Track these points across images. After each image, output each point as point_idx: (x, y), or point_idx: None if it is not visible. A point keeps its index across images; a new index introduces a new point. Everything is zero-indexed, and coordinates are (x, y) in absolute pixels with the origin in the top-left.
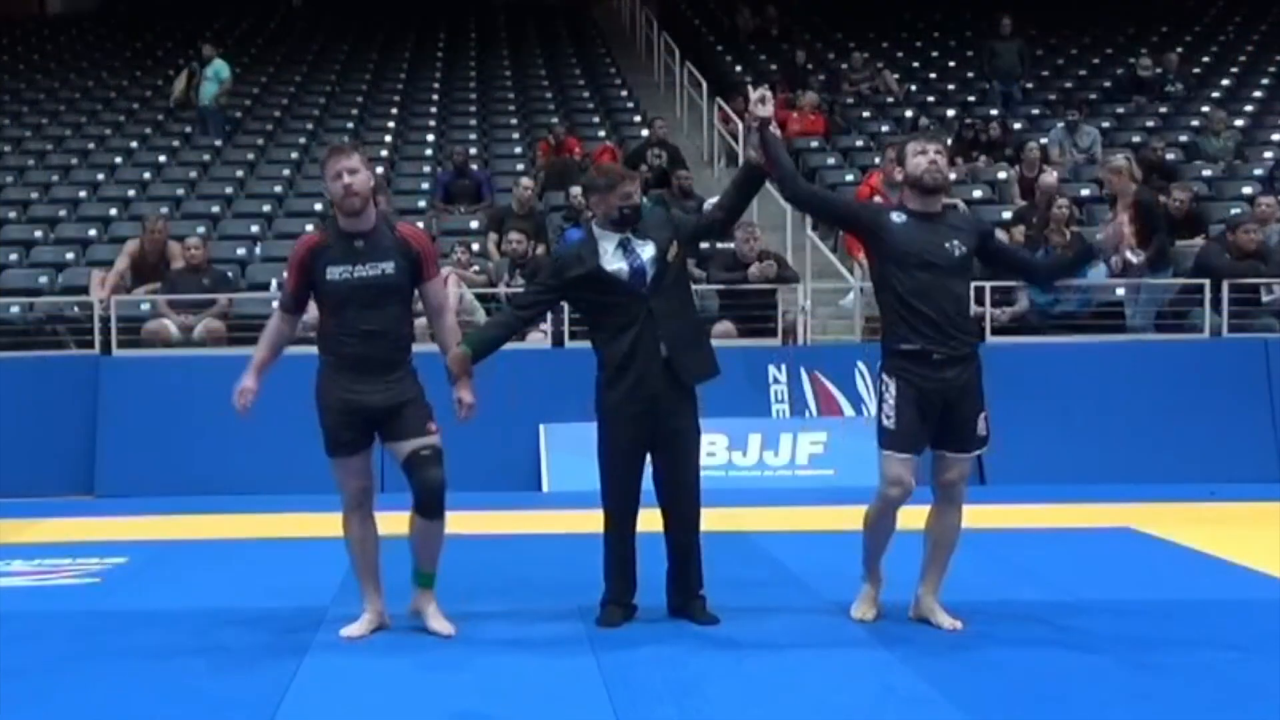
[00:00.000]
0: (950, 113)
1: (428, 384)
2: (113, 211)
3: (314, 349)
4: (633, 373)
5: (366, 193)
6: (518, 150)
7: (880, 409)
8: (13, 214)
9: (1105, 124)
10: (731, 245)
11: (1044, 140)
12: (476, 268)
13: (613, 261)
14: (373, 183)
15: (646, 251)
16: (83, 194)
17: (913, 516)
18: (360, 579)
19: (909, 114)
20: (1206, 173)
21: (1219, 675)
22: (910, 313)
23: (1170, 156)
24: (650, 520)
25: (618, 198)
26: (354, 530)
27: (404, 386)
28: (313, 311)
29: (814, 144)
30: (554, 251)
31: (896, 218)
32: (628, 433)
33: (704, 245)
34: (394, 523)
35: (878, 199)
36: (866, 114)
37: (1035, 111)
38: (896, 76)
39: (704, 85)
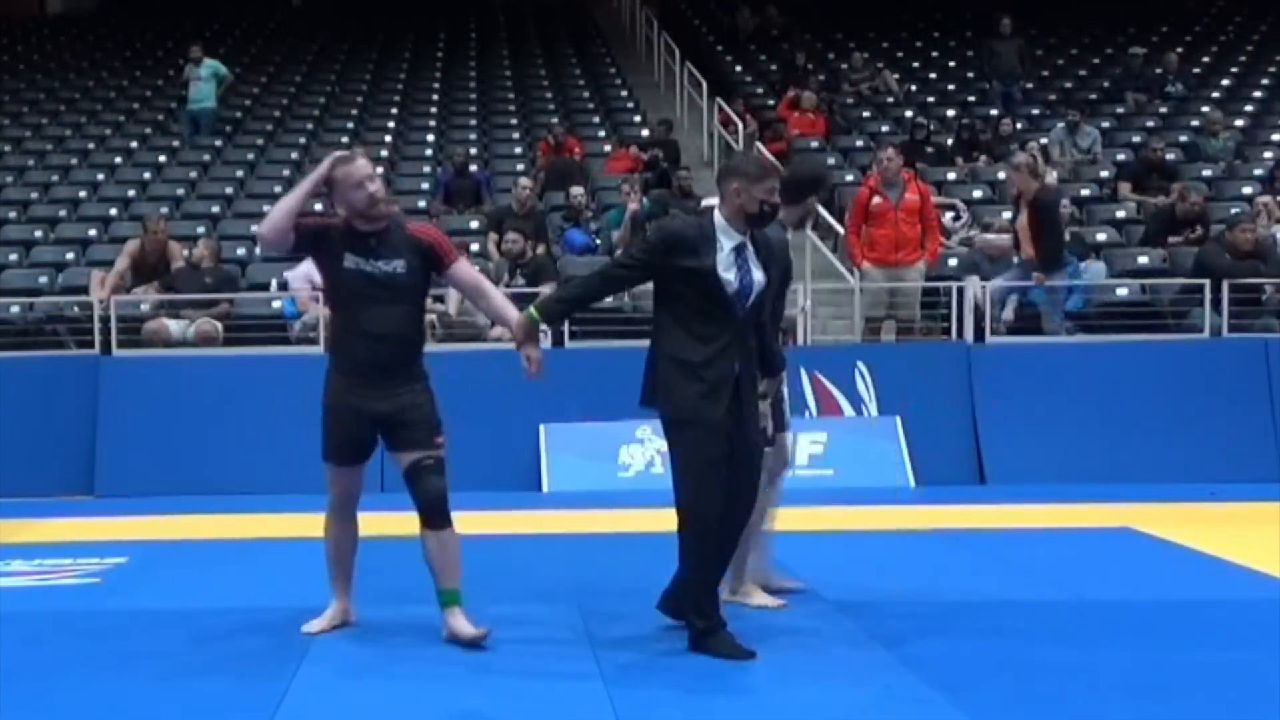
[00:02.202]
0: (950, 113)
1: (440, 384)
2: (113, 211)
3: (315, 349)
4: (710, 378)
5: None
6: (518, 150)
7: None
8: (13, 214)
9: (1105, 124)
10: None
11: (1044, 140)
12: (476, 268)
13: (726, 268)
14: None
15: (758, 275)
16: (83, 194)
17: (915, 517)
18: (332, 575)
19: (909, 114)
20: (1206, 173)
21: (1219, 675)
22: None
23: (1170, 156)
24: (650, 521)
25: (763, 191)
26: (333, 531)
27: (413, 395)
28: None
29: (814, 144)
30: (664, 224)
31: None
32: (718, 439)
33: None
34: (395, 523)
35: (876, 199)
36: (866, 114)
37: (1035, 111)
38: (896, 76)
39: (704, 85)
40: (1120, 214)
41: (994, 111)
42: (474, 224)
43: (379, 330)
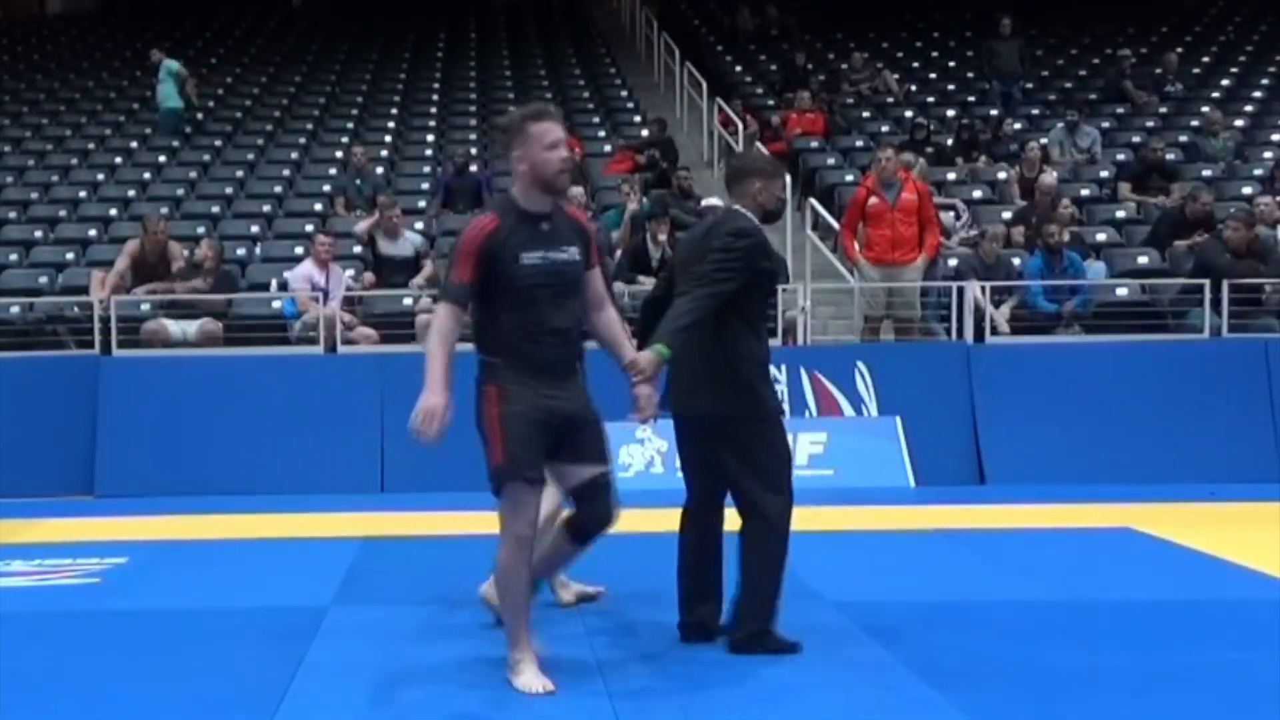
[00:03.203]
0: (950, 113)
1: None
2: (113, 211)
3: (315, 349)
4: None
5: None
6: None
7: None
8: (13, 214)
9: (1105, 124)
10: None
11: (1044, 140)
12: None
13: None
14: None
15: None
16: (83, 194)
17: (915, 517)
18: (521, 628)
19: (909, 114)
20: (1206, 173)
21: (1219, 675)
22: None
23: (1170, 156)
24: (650, 521)
25: (779, 187)
26: (522, 572)
27: (588, 396)
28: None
29: (814, 144)
30: (747, 229)
31: None
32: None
33: None
34: (395, 523)
35: (874, 199)
36: (866, 114)
37: (1035, 111)
38: (896, 76)
39: (704, 85)
40: (1120, 214)
41: (994, 111)
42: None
43: (565, 324)
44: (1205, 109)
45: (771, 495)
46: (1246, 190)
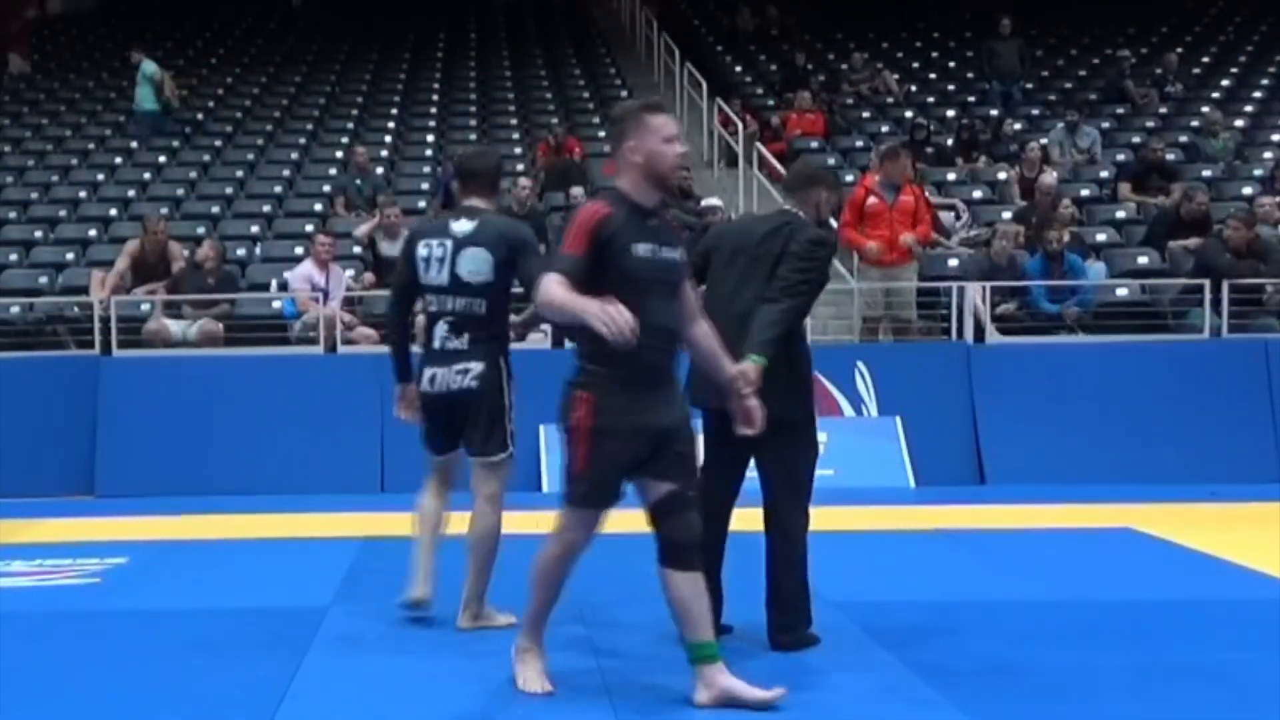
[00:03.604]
0: (950, 113)
1: None
2: (113, 211)
3: (315, 349)
4: None
5: None
6: (518, 150)
7: None
8: (13, 214)
9: (1105, 124)
10: None
11: (1044, 140)
12: None
13: None
14: None
15: None
16: (83, 194)
17: (915, 517)
18: (541, 622)
19: (909, 114)
20: (1206, 173)
21: (1219, 675)
22: None
23: (1170, 156)
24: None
25: (836, 200)
26: (564, 575)
27: (683, 402)
28: (311, 311)
29: (814, 144)
30: (824, 236)
31: None
32: None
33: None
34: (395, 523)
35: (872, 200)
36: (866, 114)
37: (1035, 111)
38: (896, 77)
39: (704, 85)
40: (1120, 214)
41: (994, 111)
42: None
43: (671, 325)
44: (1205, 109)
45: (798, 511)
46: (1246, 190)
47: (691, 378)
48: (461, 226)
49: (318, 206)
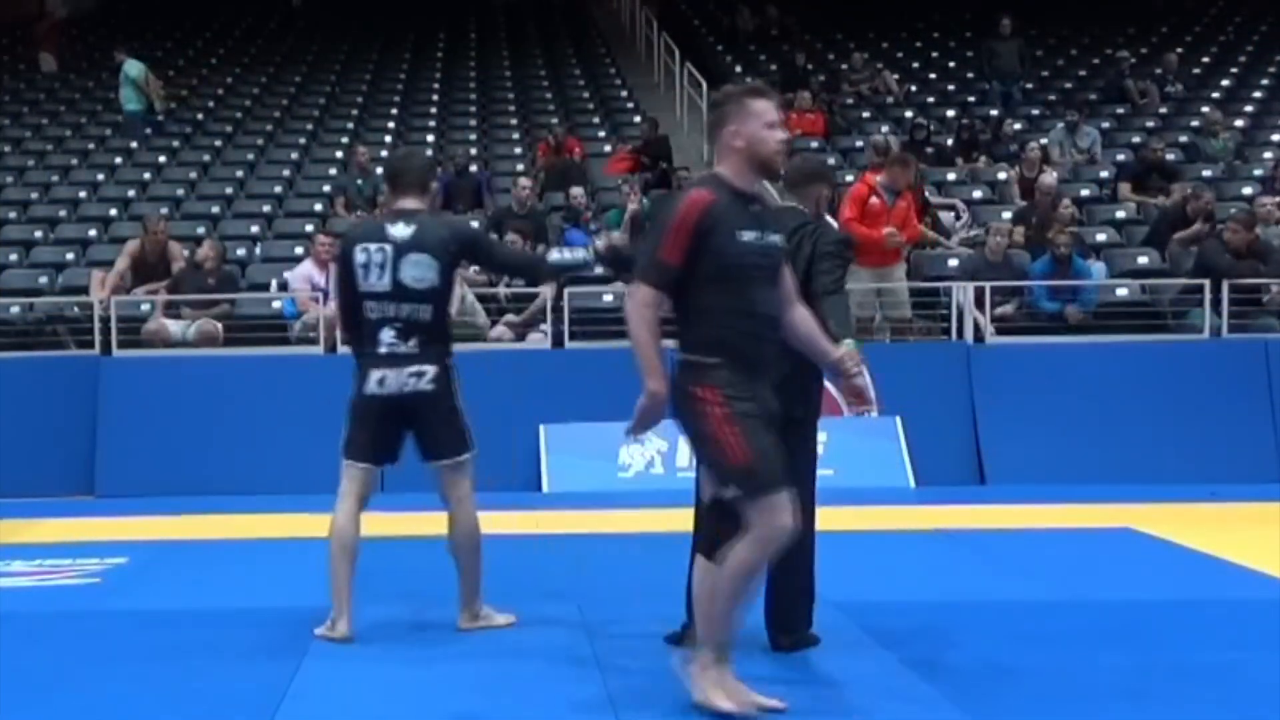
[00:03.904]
0: (950, 113)
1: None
2: (113, 211)
3: (315, 349)
4: None
5: None
6: (518, 150)
7: None
8: (13, 214)
9: (1105, 124)
10: None
11: (1044, 140)
12: (476, 268)
13: None
14: None
15: None
16: (83, 194)
17: (915, 517)
18: (729, 633)
19: (909, 114)
20: (1206, 173)
21: (1219, 675)
22: None
23: (1170, 157)
24: (650, 521)
25: (832, 193)
26: (761, 575)
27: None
28: (311, 311)
29: (814, 144)
30: (839, 234)
31: None
32: None
33: None
34: (395, 523)
35: (874, 199)
36: (866, 114)
37: (1035, 111)
38: (896, 77)
39: (704, 85)
40: (1120, 214)
41: (994, 111)
42: (474, 224)
43: (776, 313)
44: (1205, 109)
45: (804, 511)
46: (1246, 190)
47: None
48: (400, 230)
49: (318, 206)
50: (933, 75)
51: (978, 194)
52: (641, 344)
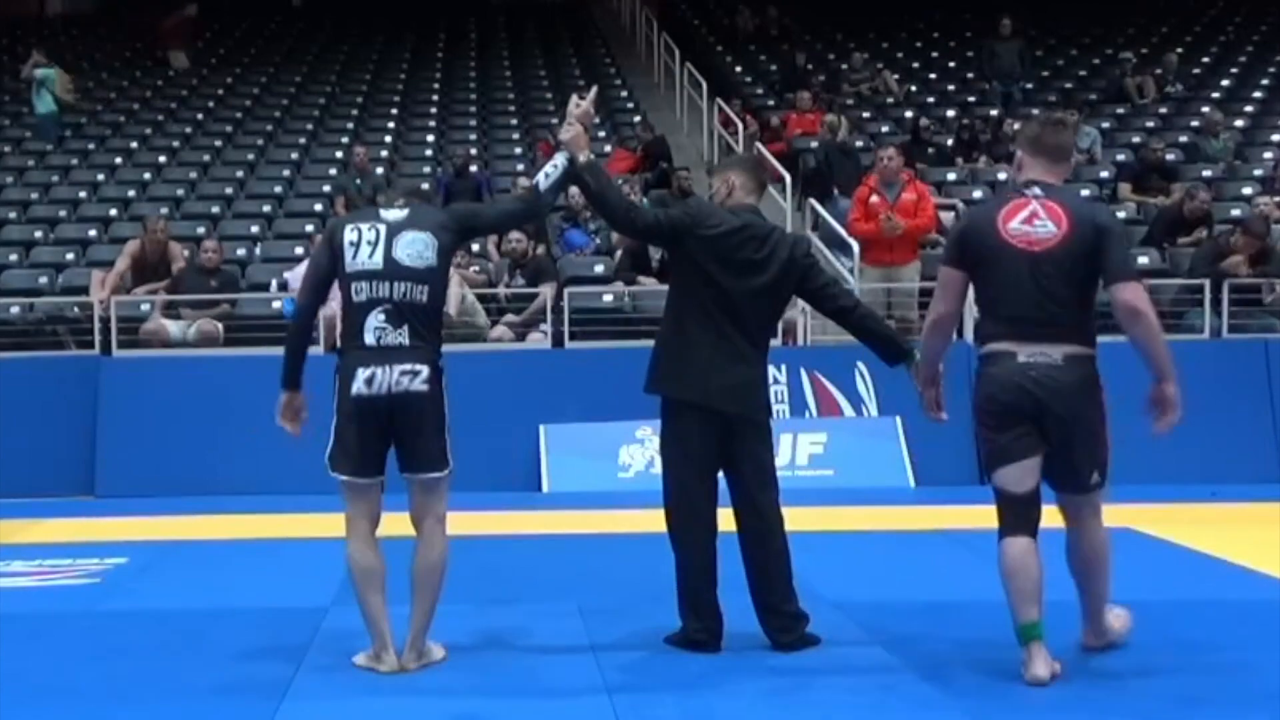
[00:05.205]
0: (950, 113)
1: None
2: (113, 211)
3: (314, 349)
4: None
5: None
6: (518, 150)
7: None
8: (13, 214)
9: (1105, 124)
10: None
11: None
12: (476, 268)
13: None
14: None
15: None
16: (82, 194)
17: (915, 517)
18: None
19: (909, 114)
20: (1206, 173)
21: (1219, 675)
22: None
23: (1170, 157)
24: (650, 522)
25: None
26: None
27: None
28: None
29: (814, 144)
30: (808, 240)
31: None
32: None
33: None
34: (394, 523)
35: (874, 198)
36: (866, 114)
37: (1035, 111)
38: (896, 77)
39: (704, 85)
40: (1120, 214)
41: (994, 111)
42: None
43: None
44: (1205, 109)
45: (771, 497)
46: (1246, 190)
47: (657, 364)
48: (393, 214)
49: (318, 206)
50: (933, 75)
51: (978, 194)
52: (1162, 338)
